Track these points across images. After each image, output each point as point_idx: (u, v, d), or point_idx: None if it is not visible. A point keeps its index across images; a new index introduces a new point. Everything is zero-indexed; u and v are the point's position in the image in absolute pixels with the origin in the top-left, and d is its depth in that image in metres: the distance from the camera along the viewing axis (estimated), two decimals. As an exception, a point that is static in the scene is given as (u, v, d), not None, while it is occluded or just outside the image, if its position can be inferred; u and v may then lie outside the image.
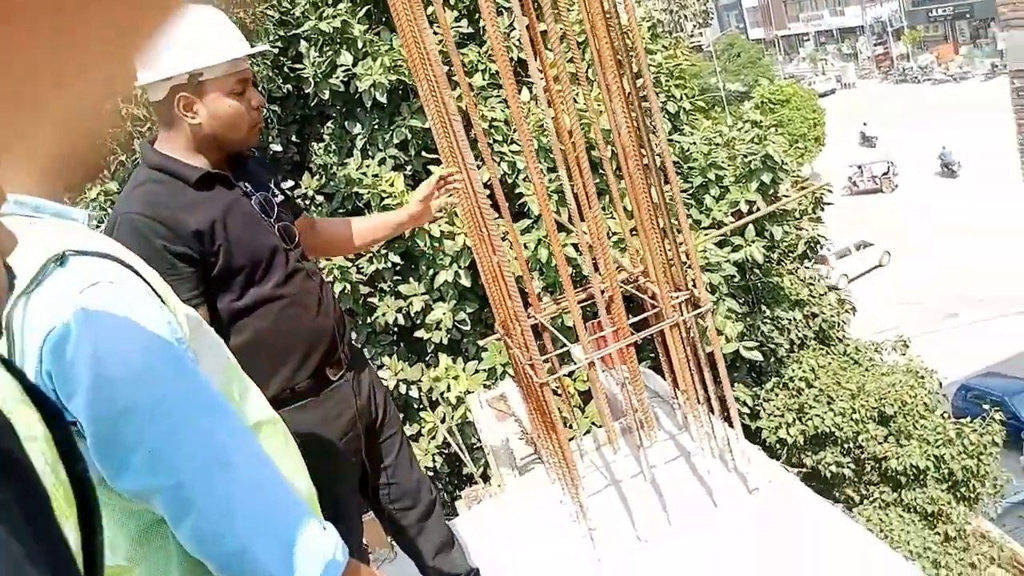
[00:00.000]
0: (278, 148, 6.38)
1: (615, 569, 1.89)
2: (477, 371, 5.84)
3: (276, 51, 6.21)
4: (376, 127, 6.17)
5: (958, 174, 26.19)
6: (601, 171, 2.21)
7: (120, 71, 0.31)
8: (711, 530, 1.90)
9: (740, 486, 1.97)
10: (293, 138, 6.61)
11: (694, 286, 1.94)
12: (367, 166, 6.05)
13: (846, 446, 6.67)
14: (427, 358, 6.27)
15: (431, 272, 5.98)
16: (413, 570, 2.13)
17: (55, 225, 0.99)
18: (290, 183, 6.45)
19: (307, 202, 6.35)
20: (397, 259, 6.12)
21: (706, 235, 5.86)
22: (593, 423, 5.28)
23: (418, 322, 6.11)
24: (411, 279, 6.19)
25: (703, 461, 2.03)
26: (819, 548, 1.80)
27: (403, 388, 6.04)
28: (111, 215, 1.77)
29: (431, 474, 6.13)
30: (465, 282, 5.75)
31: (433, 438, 6.00)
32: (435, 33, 2.69)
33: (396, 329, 6.29)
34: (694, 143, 6.69)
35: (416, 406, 6.21)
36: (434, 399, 5.97)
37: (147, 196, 1.72)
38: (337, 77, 5.95)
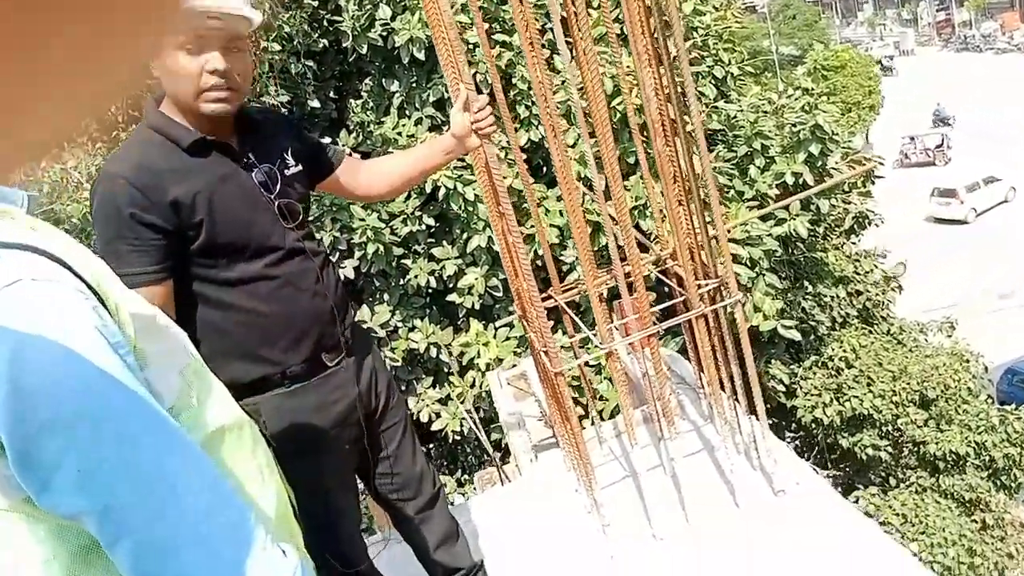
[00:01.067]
0: (316, 104, 6.31)
1: (628, 566, 1.81)
2: (508, 338, 5.78)
3: (315, 4, 6.11)
4: (413, 85, 6.05)
5: (952, 125, 26.11)
6: (634, 140, 2.10)
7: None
8: (731, 532, 1.80)
9: (765, 487, 1.87)
10: (331, 94, 6.53)
11: (723, 273, 1.82)
12: (403, 125, 5.95)
13: (884, 429, 6.49)
14: (459, 322, 6.23)
15: (465, 236, 5.90)
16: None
17: None
18: (328, 140, 6.39)
19: (343, 160, 6.29)
20: (431, 222, 6.05)
21: (748, 210, 5.66)
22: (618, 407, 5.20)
23: (451, 286, 6.05)
24: (444, 242, 6.12)
25: (727, 457, 1.92)
26: (845, 560, 1.69)
27: (434, 352, 6.02)
28: (101, 168, 1.70)
29: (459, 438, 6.12)
30: (498, 248, 5.66)
31: (462, 402, 5.98)
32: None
33: (429, 292, 6.25)
34: (741, 110, 6.44)
35: (447, 370, 6.19)
36: (464, 364, 5.93)
37: (137, 156, 1.63)
38: (376, 31, 5.83)
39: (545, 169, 5.98)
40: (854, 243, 7.39)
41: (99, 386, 0.82)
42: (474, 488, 5.61)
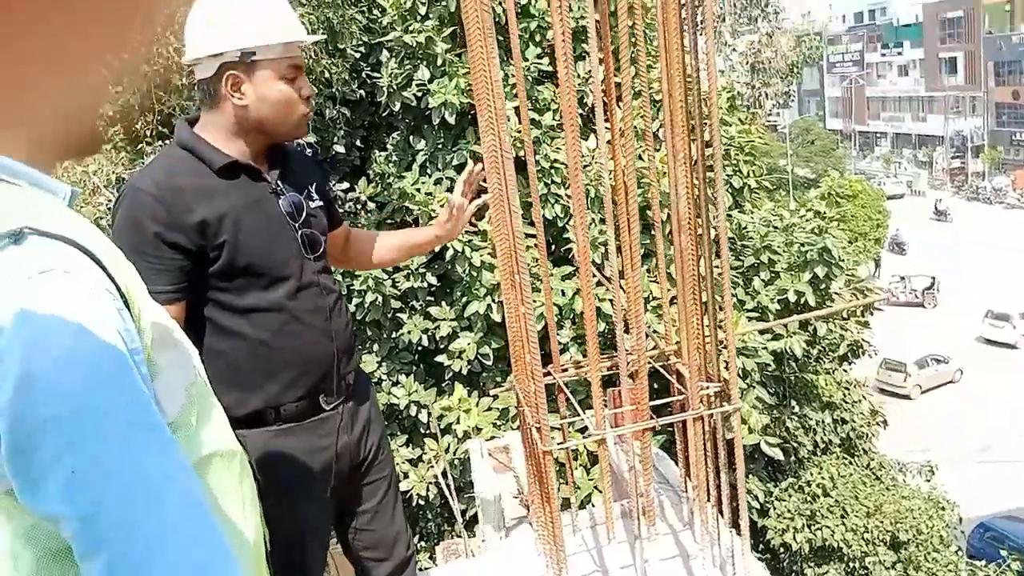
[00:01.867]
0: (341, 149, 6.40)
1: (585, 665, 1.74)
2: (490, 409, 5.72)
3: (357, 56, 6.26)
4: (439, 146, 6.15)
5: (907, 252, 26.63)
6: (652, 233, 2.11)
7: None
8: (696, 646, 1.74)
9: (736, 604, 1.81)
10: (357, 143, 6.64)
11: (727, 378, 1.81)
12: (423, 183, 6.03)
13: (852, 565, 6.36)
14: (444, 384, 6.17)
15: (464, 300, 5.90)
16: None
17: (28, 196, 0.89)
18: (346, 185, 6.47)
19: (359, 207, 6.35)
20: (433, 280, 6.06)
21: (748, 320, 5.68)
22: (596, 487, 5.10)
23: (442, 347, 6.01)
24: (443, 303, 6.11)
25: (702, 568, 1.87)
26: None
27: (413, 410, 5.94)
28: (126, 181, 1.70)
29: (423, 502, 5.99)
30: (496, 317, 5.65)
31: (431, 467, 5.87)
32: (509, 64, 2.60)
33: (419, 349, 6.21)
34: (753, 222, 6.55)
35: (423, 430, 6.10)
36: (442, 428, 5.85)
37: (165, 173, 1.64)
38: (411, 91, 5.97)
39: (554, 248, 6.03)
40: (845, 370, 7.40)
41: (110, 390, 0.80)
42: (435, 556, 5.45)
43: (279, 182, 1.75)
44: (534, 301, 1.60)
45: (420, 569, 2.24)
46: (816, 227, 6.40)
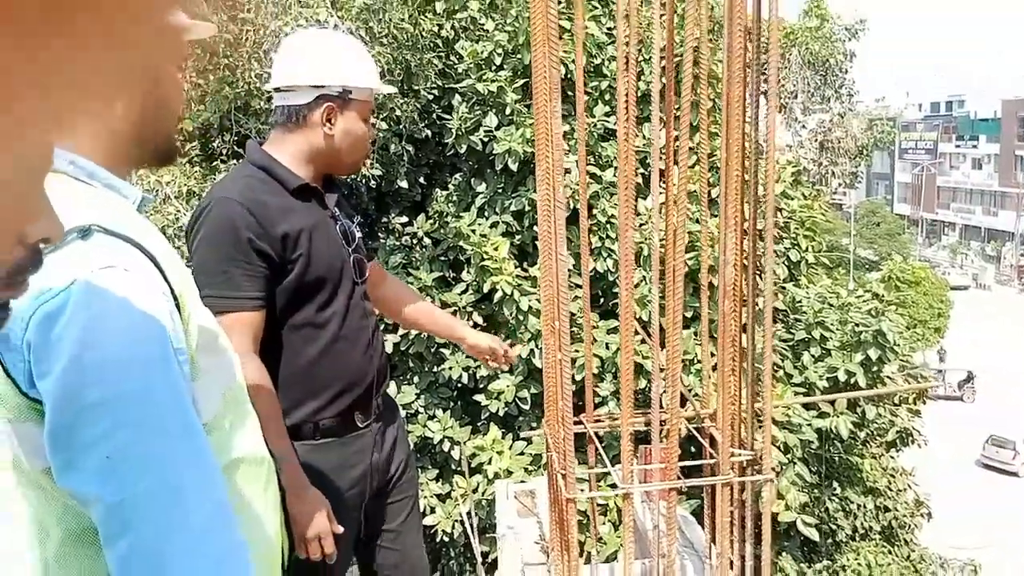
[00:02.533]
0: (404, 185, 6.57)
1: None
2: (523, 453, 5.70)
3: (430, 97, 6.46)
4: (499, 190, 6.27)
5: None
6: (700, 297, 2.13)
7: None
8: None
9: None
10: (421, 179, 6.80)
11: (762, 447, 1.80)
12: (479, 224, 6.13)
13: (883, 661, 6.09)
14: (479, 424, 6.18)
15: (508, 342, 5.93)
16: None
17: (101, 196, 0.96)
18: (405, 219, 6.62)
19: (414, 241, 6.48)
20: (479, 320, 6.12)
21: (794, 393, 5.58)
22: (622, 545, 5.01)
23: (481, 386, 6.04)
24: (487, 344, 6.15)
25: (717, 636, 1.84)
26: None
27: (447, 445, 5.96)
28: (206, 195, 1.80)
29: (447, 540, 5.96)
30: (537, 363, 5.67)
31: (458, 505, 5.86)
32: (575, 119, 2.69)
33: (458, 387, 6.25)
34: (808, 297, 6.47)
35: (454, 467, 6.10)
36: (472, 467, 5.85)
37: (247, 188, 1.75)
38: (478, 135, 6.11)
39: (603, 301, 6.04)
40: (892, 457, 7.17)
41: (154, 384, 0.85)
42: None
43: (335, 208, 1.86)
44: (576, 351, 1.63)
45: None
46: (873, 309, 6.28)
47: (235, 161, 5.79)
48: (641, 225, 5.49)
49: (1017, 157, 48.09)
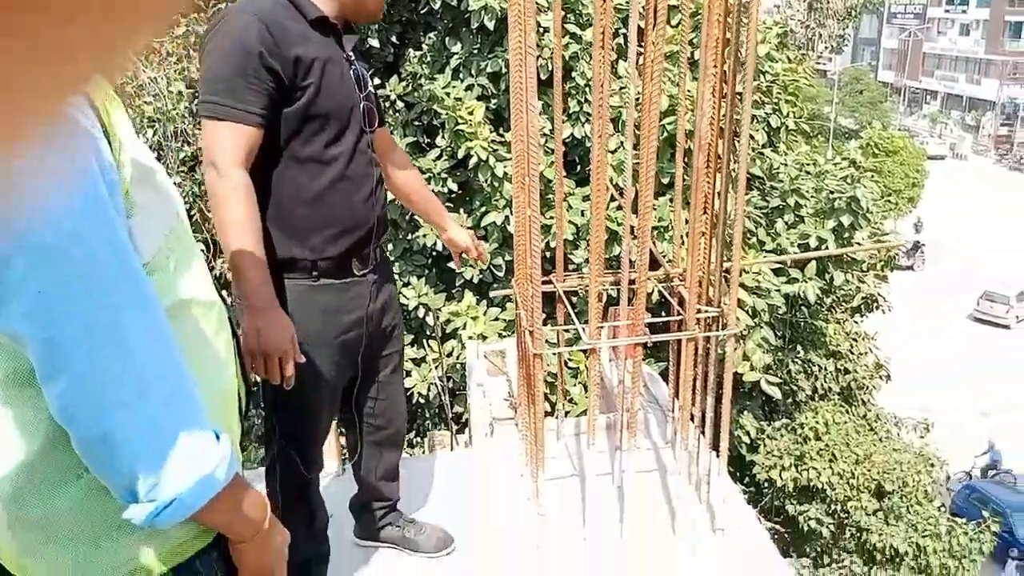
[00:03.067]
0: (375, 44, 6.29)
1: (551, 559, 1.82)
2: (497, 319, 5.79)
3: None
4: (475, 51, 6.03)
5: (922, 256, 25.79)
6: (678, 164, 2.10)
7: None
8: (659, 556, 1.81)
9: (706, 522, 1.88)
10: (393, 39, 6.51)
11: (728, 304, 1.82)
12: (453, 87, 5.94)
13: (833, 507, 6.51)
14: (453, 291, 6.24)
15: (483, 210, 5.90)
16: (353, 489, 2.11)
17: None
18: (377, 81, 6.38)
19: (387, 104, 6.29)
20: (454, 187, 6.05)
21: (764, 257, 5.66)
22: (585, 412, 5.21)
23: (456, 254, 6.05)
24: (461, 211, 6.11)
25: (677, 484, 1.93)
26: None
27: (421, 312, 6.03)
28: (225, 9, 1.78)
29: (423, 401, 6.15)
30: (512, 230, 5.66)
31: (433, 369, 6.00)
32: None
33: (433, 254, 6.26)
34: (785, 164, 6.43)
35: (428, 332, 6.20)
36: (447, 332, 5.95)
37: (268, 8, 1.73)
38: (452, -9, 5.82)
39: (579, 168, 5.97)
40: (856, 322, 7.39)
41: (84, 219, 0.81)
42: (423, 447, 5.64)
43: (351, 52, 1.84)
44: (551, 218, 1.61)
45: (413, 455, 2.36)
46: (849, 176, 6.27)
47: None
48: (621, 89, 5.34)
49: (1007, 23, 46.98)
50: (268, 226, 1.74)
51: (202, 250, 6.24)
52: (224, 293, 1.77)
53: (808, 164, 6.58)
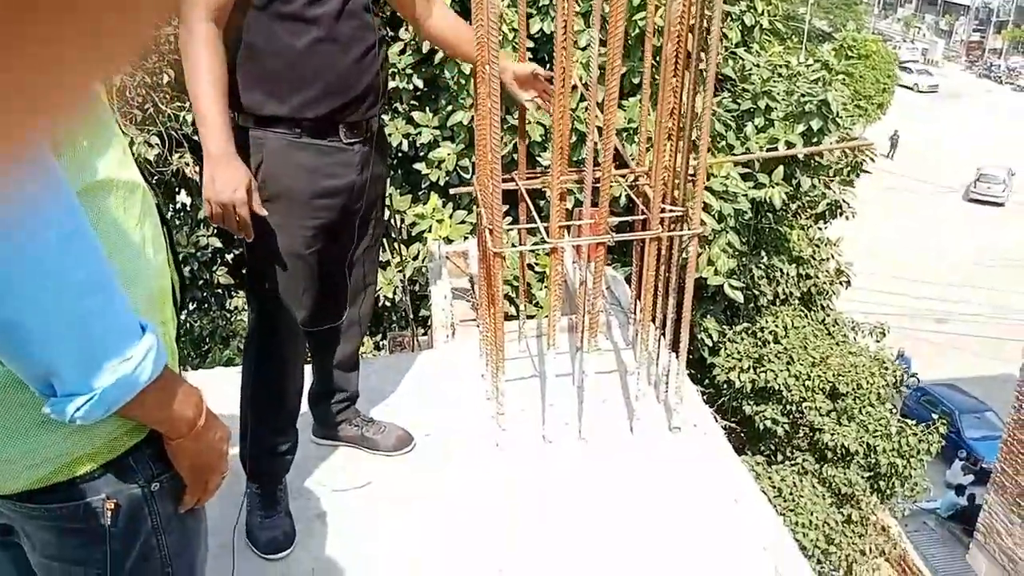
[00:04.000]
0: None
1: (510, 458, 1.84)
2: (463, 222, 5.72)
3: None
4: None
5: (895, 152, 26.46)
6: (646, 63, 2.00)
7: None
8: (617, 455, 1.84)
9: (663, 421, 1.90)
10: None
11: (692, 205, 1.78)
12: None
13: (788, 407, 6.72)
14: (420, 193, 6.13)
15: (449, 108, 5.72)
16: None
17: None
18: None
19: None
20: (420, 83, 5.85)
21: (733, 164, 5.61)
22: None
23: (422, 155, 5.91)
24: (427, 109, 5.94)
25: (636, 384, 1.94)
26: (716, 506, 1.74)
27: (387, 214, 5.93)
28: None
29: (389, 304, 6.13)
30: (478, 129, 5.53)
31: (397, 272, 5.95)
32: None
33: (399, 155, 6.10)
34: (757, 65, 6.30)
35: (394, 235, 6.12)
36: (412, 235, 5.87)
37: None
38: None
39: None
40: (820, 228, 7.45)
41: None
42: (386, 346, 5.66)
43: None
44: (517, 117, 1.52)
45: (366, 356, 2.33)
46: (821, 79, 6.18)
47: None
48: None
49: (987, -76, 45.93)
50: (250, 84, 1.70)
51: (220, 244, 6.00)
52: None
53: (781, 66, 6.46)
